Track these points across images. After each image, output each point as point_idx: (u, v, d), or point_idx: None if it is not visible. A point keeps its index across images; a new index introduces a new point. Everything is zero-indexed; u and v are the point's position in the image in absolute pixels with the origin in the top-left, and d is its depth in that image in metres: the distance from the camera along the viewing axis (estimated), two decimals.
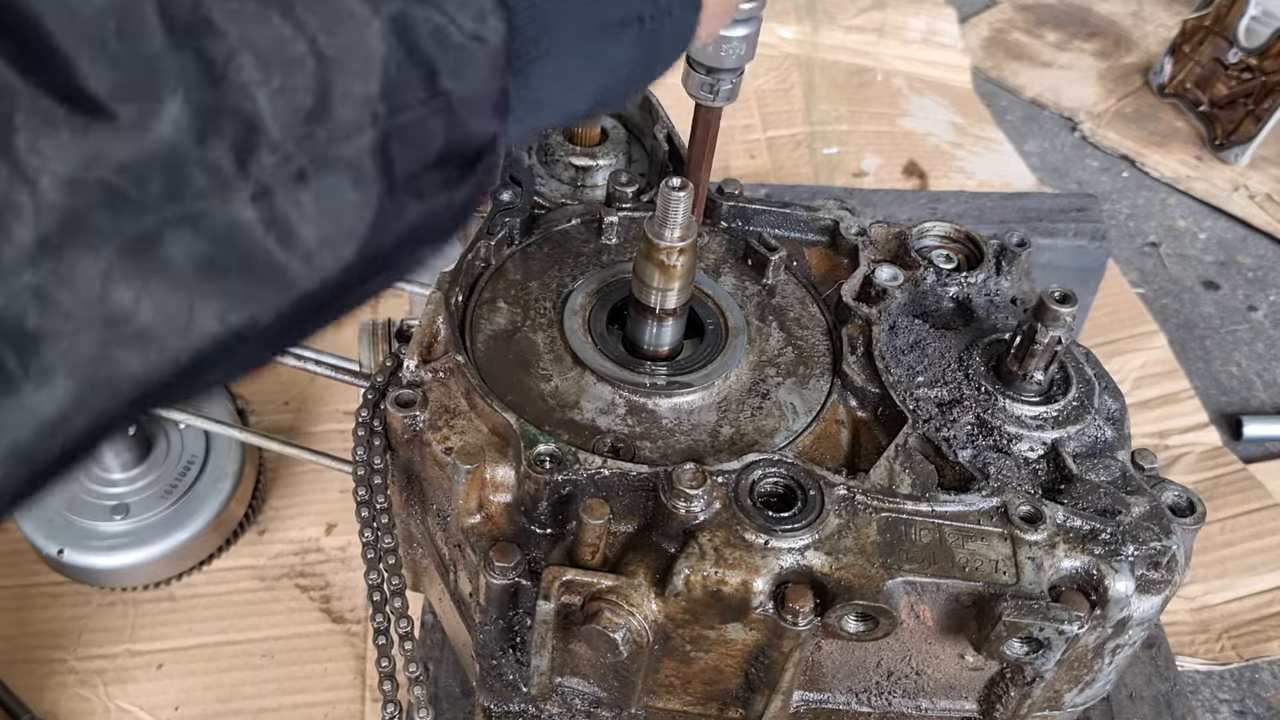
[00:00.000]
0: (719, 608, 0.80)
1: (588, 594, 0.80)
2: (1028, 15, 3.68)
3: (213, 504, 1.81)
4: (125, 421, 0.47)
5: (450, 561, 0.93)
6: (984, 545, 0.82)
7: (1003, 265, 1.06)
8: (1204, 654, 1.90)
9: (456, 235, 0.59)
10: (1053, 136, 3.21)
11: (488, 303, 1.04)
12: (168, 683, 1.73)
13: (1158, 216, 2.93)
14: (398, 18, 0.48)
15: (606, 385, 0.96)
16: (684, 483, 0.80)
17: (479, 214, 1.25)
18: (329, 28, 0.46)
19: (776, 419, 0.96)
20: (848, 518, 0.82)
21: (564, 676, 0.88)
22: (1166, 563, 0.85)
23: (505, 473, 0.87)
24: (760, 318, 1.06)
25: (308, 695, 1.73)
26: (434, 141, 0.51)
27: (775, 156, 2.92)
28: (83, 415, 0.44)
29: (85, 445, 0.46)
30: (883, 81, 3.23)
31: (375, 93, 0.47)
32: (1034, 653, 0.80)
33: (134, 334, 0.44)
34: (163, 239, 0.44)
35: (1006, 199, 2.27)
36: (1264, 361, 2.52)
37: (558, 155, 1.22)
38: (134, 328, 0.44)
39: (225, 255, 0.45)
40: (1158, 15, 3.68)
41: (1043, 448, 0.92)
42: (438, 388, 0.92)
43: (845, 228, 1.11)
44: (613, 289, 1.04)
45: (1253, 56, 3.00)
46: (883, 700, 0.90)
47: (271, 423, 2.10)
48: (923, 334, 1.01)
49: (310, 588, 1.86)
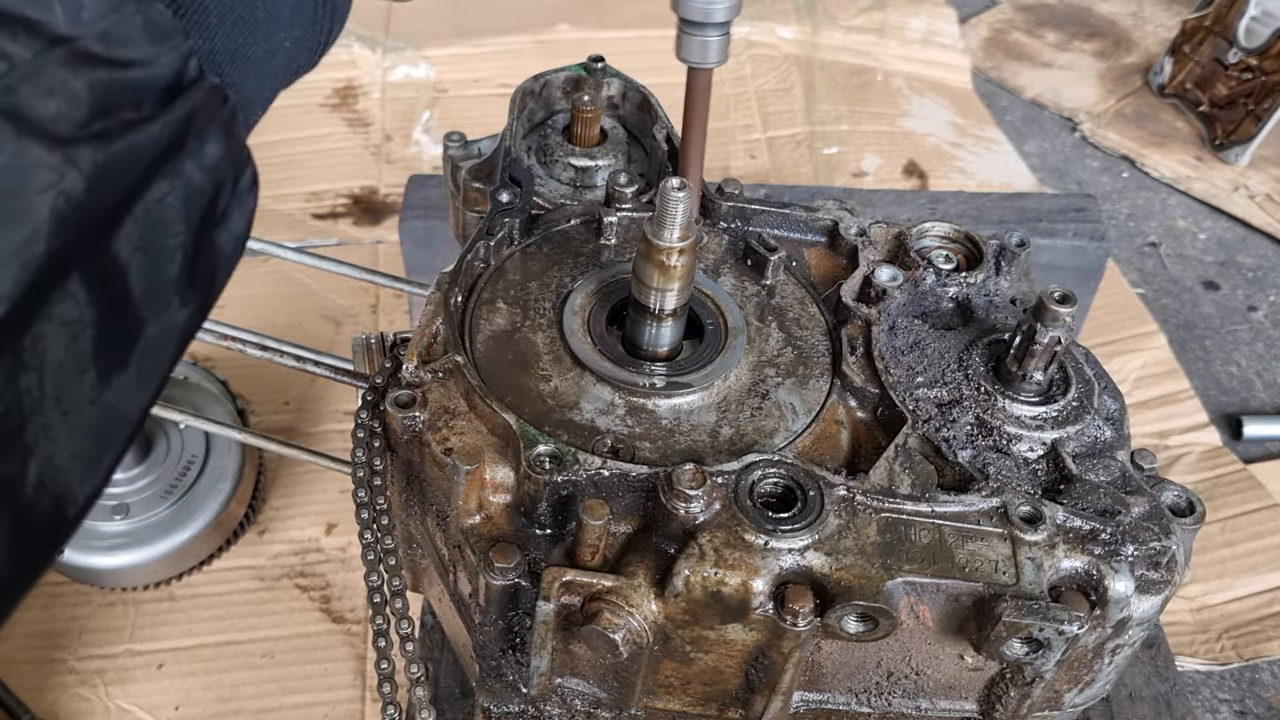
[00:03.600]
0: (719, 608, 0.80)
1: (587, 595, 0.80)
2: (1028, 15, 3.69)
3: (213, 504, 1.81)
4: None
5: (450, 562, 0.93)
6: (984, 545, 0.82)
7: (1002, 265, 1.06)
8: (1204, 654, 1.90)
9: (187, 166, 0.58)
10: (1053, 137, 3.21)
11: (487, 303, 1.04)
12: (168, 683, 1.73)
13: (1158, 216, 2.93)
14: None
15: (606, 386, 0.96)
16: (684, 483, 0.80)
17: (479, 214, 1.25)
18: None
19: (776, 419, 0.96)
20: (847, 518, 0.82)
21: (564, 677, 0.88)
22: (1166, 563, 0.85)
23: (505, 473, 0.87)
24: (760, 318, 1.06)
25: (308, 695, 1.73)
26: (75, 84, 0.51)
27: (775, 156, 2.92)
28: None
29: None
30: (883, 82, 3.23)
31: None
32: (1034, 653, 0.80)
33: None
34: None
35: (1006, 199, 2.27)
36: (1264, 361, 2.52)
37: (557, 156, 1.22)
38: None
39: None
40: (1158, 15, 3.68)
41: (1042, 448, 0.92)
42: (437, 388, 0.92)
43: (845, 228, 1.11)
44: (612, 289, 1.04)
45: (1253, 56, 3.00)
46: (883, 701, 0.90)
47: (271, 423, 2.10)
48: (922, 334, 1.01)
49: (310, 588, 1.86)
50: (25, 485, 0.50)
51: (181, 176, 0.57)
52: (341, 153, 2.79)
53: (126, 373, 0.55)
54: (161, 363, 0.58)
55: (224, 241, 0.61)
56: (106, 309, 0.53)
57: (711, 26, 0.91)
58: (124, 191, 0.53)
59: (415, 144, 2.85)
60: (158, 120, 0.55)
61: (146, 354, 0.56)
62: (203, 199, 0.59)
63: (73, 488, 0.53)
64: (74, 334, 0.51)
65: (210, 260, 0.60)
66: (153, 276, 0.56)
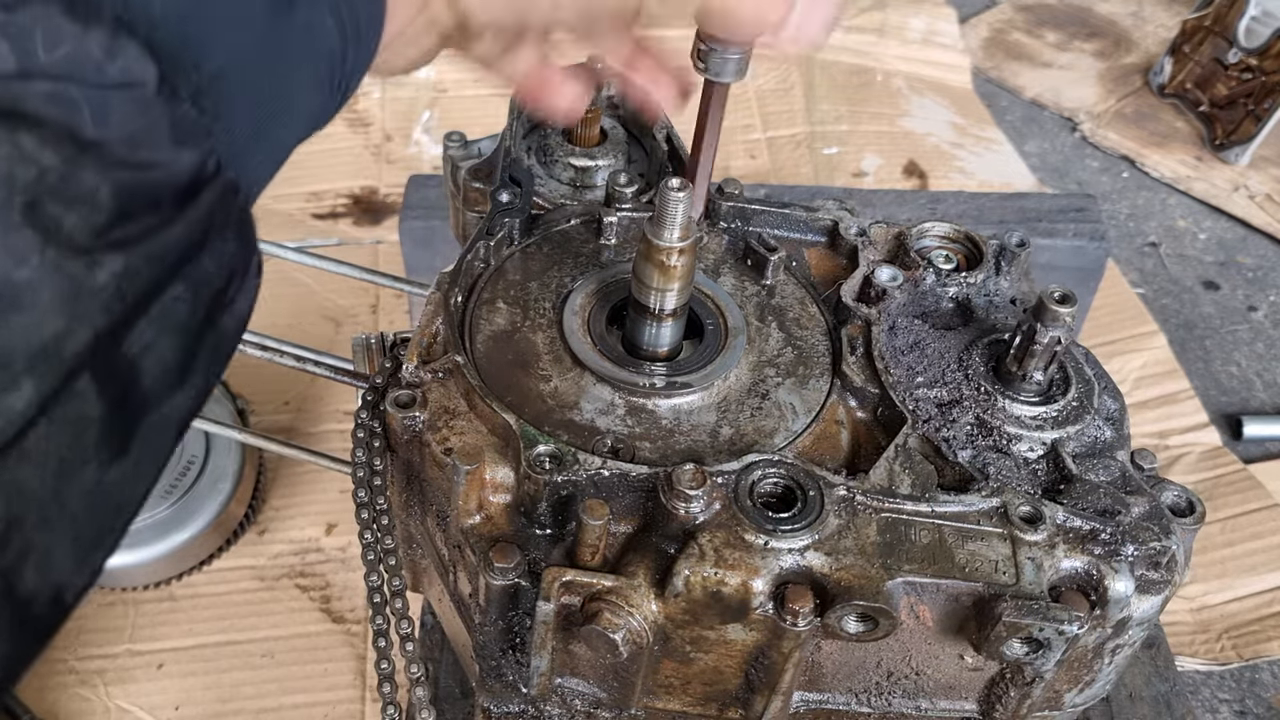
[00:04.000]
0: (719, 608, 0.80)
1: (587, 595, 0.80)
2: (1028, 15, 3.69)
3: (213, 504, 1.81)
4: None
5: (450, 562, 0.93)
6: (984, 545, 0.82)
7: (1002, 265, 1.06)
8: (1204, 654, 1.90)
9: (204, 272, 0.57)
10: (1053, 137, 3.21)
11: (487, 303, 1.04)
12: (168, 683, 1.73)
13: (1158, 216, 2.94)
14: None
15: (606, 386, 0.96)
16: (684, 483, 0.80)
17: (479, 214, 1.25)
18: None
19: (776, 419, 0.96)
20: (847, 518, 0.82)
21: (564, 677, 0.88)
22: (1166, 563, 0.85)
23: (505, 473, 0.87)
24: (760, 318, 1.06)
25: (308, 695, 1.73)
26: (101, 191, 0.49)
27: (775, 156, 2.92)
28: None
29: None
30: (883, 81, 3.23)
31: (0, 173, 0.46)
32: (1034, 653, 0.80)
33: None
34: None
35: (1006, 199, 2.27)
36: (1264, 361, 2.52)
37: (557, 156, 1.22)
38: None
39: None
40: (1158, 15, 3.68)
41: (1042, 448, 0.92)
42: (437, 388, 0.92)
43: (845, 228, 1.11)
44: (612, 289, 1.04)
45: (1253, 56, 3.00)
46: (883, 701, 0.90)
47: (271, 423, 2.10)
48: (922, 334, 1.01)
49: (310, 588, 1.87)
50: (24, 578, 0.49)
51: (196, 276, 0.56)
52: (341, 153, 2.79)
53: (126, 461, 0.54)
54: (162, 449, 0.57)
55: (228, 323, 0.60)
56: (111, 403, 0.52)
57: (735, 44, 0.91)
58: (142, 296, 0.52)
59: (415, 144, 2.85)
60: (177, 224, 0.54)
61: (147, 441, 0.55)
62: (213, 292, 0.58)
63: (72, 577, 0.53)
64: (78, 430, 0.50)
65: (214, 343, 0.59)
66: (158, 368, 0.55)
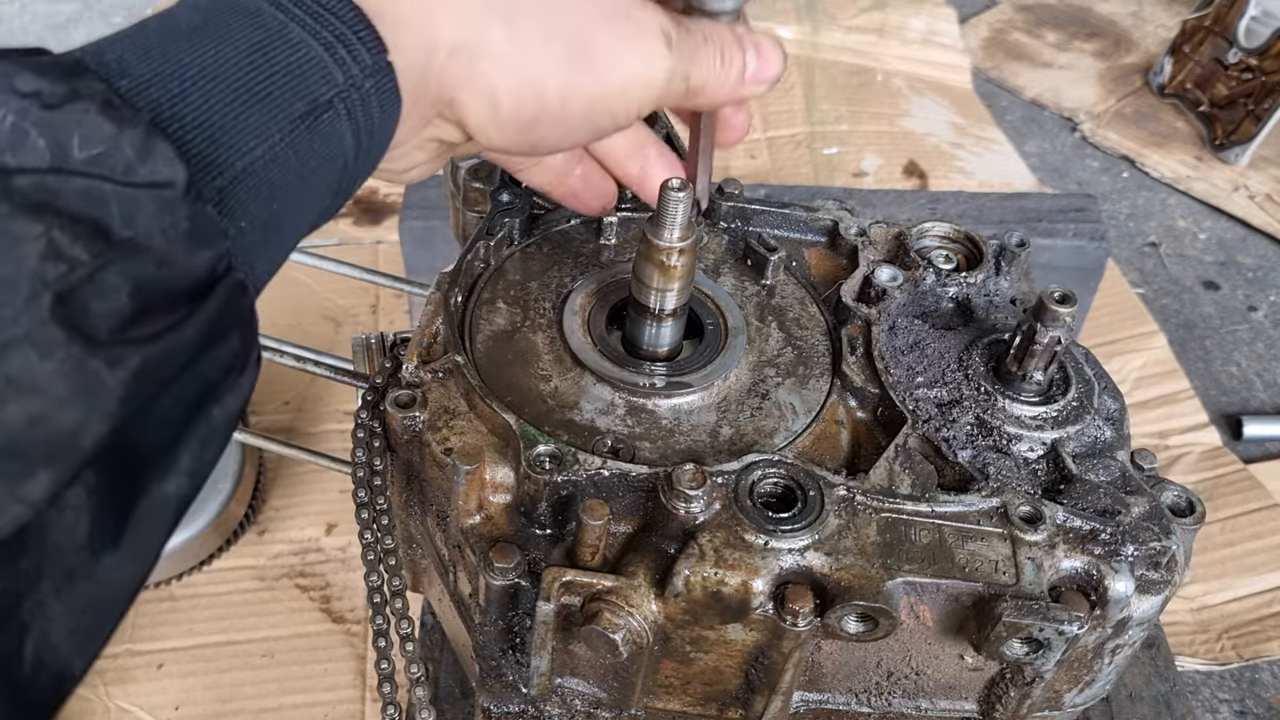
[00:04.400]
0: (719, 608, 0.80)
1: (587, 595, 0.80)
2: (1028, 15, 3.69)
3: (213, 504, 1.81)
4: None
5: (450, 562, 0.93)
6: (984, 545, 0.82)
7: (1002, 265, 1.06)
8: (1204, 654, 1.90)
9: (221, 365, 0.59)
10: (1053, 137, 3.21)
11: (487, 303, 1.04)
12: (168, 683, 1.73)
13: (1158, 216, 2.94)
14: (33, 190, 0.48)
15: (606, 386, 0.96)
16: (684, 483, 0.80)
17: (479, 214, 1.25)
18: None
19: (776, 419, 0.96)
20: (847, 518, 0.82)
21: (564, 677, 0.88)
22: (1166, 563, 0.85)
23: (505, 473, 0.87)
24: (760, 318, 1.06)
25: (308, 695, 1.73)
26: (122, 289, 0.50)
27: (775, 156, 2.92)
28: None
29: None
30: (883, 81, 3.23)
31: (32, 268, 0.47)
32: (1034, 653, 0.80)
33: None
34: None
35: (1006, 199, 2.28)
36: (1264, 361, 2.52)
37: None
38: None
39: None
40: (1158, 15, 3.68)
41: (1042, 448, 0.92)
42: (437, 388, 0.92)
43: (845, 228, 1.11)
44: (612, 289, 1.04)
45: (1253, 56, 3.00)
46: (883, 701, 0.90)
47: (271, 423, 2.10)
48: (922, 334, 1.01)
49: (310, 588, 1.87)
50: (23, 663, 0.50)
51: (201, 374, 0.57)
52: None
53: (120, 549, 0.55)
54: (156, 536, 0.58)
55: (219, 416, 0.61)
56: (107, 494, 0.52)
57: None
58: (153, 394, 0.53)
59: None
60: (189, 324, 0.54)
61: (140, 528, 0.56)
62: (211, 388, 0.59)
63: (70, 663, 0.53)
64: (76, 520, 0.51)
65: (207, 434, 0.60)
66: (152, 456, 0.56)
